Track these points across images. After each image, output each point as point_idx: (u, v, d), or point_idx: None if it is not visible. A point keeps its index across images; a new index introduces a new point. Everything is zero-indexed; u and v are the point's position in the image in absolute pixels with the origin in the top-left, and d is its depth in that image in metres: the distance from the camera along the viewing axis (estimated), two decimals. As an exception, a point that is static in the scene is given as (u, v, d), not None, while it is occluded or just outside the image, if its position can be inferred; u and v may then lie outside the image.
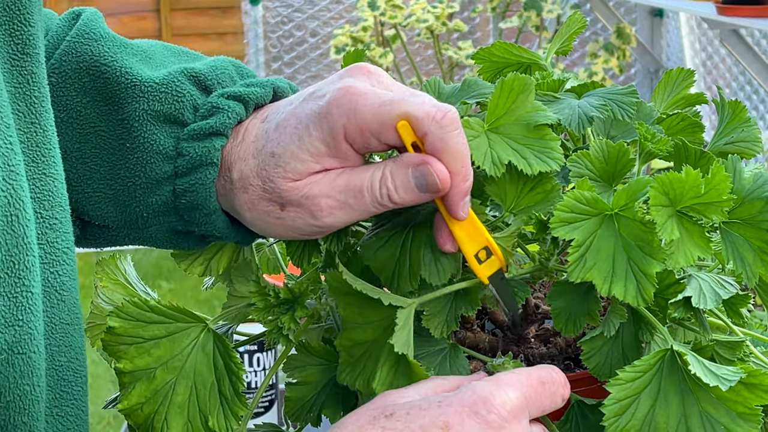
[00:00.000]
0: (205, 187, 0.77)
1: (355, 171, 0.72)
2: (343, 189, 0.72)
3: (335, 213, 0.72)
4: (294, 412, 0.79)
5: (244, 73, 0.83)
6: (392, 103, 0.70)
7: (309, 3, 5.05)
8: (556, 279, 0.75)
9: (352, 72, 0.73)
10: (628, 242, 0.68)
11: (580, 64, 4.43)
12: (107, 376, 3.23)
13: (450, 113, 0.70)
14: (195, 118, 0.79)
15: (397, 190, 0.71)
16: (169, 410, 0.75)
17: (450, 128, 0.70)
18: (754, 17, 2.89)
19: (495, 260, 0.72)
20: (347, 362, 0.73)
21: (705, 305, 0.69)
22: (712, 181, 0.68)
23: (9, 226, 0.65)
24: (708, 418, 0.67)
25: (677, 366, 0.67)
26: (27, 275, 0.66)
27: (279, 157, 0.72)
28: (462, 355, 0.74)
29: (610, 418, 0.67)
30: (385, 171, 0.71)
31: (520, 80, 0.74)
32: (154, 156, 0.78)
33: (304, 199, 0.72)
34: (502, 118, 0.74)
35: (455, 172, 0.70)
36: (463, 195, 0.71)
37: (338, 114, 0.70)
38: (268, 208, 0.74)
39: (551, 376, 0.69)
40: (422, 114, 0.69)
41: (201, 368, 0.76)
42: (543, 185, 0.74)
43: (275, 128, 0.74)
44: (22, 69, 0.70)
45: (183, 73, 0.80)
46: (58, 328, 0.71)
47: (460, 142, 0.70)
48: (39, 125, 0.71)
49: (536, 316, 0.80)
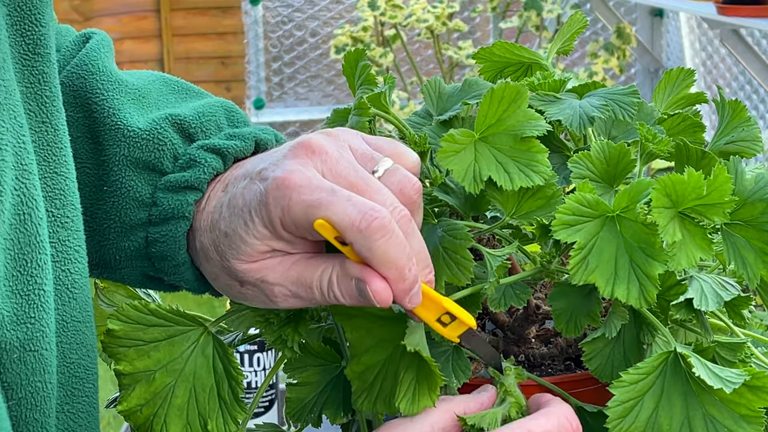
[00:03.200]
0: (175, 239, 0.77)
1: (306, 265, 0.70)
2: (295, 281, 0.71)
3: (289, 300, 0.72)
4: (295, 413, 0.79)
5: (235, 119, 0.82)
6: (319, 205, 0.67)
7: (309, 3, 5.05)
8: (557, 279, 0.75)
9: (297, 151, 0.70)
10: (630, 244, 0.68)
11: (580, 64, 4.43)
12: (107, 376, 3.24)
13: (376, 221, 0.66)
14: (173, 168, 0.79)
15: (344, 296, 0.69)
16: (169, 413, 0.75)
17: (376, 237, 0.66)
18: (754, 17, 2.89)
19: (461, 322, 0.71)
20: (361, 389, 0.72)
21: (707, 307, 0.69)
22: (713, 182, 0.68)
23: (22, 225, 0.65)
24: (711, 421, 0.67)
25: (680, 368, 0.67)
26: (39, 273, 0.66)
27: (231, 239, 0.72)
28: (464, 357, 0.74)
29: (614, 420, 0.67)
30: (332, 276, 0.69)
31: (511, 89, 0.73)
32: (130, 202, 0.79)
33: (260, 282, 0.72)
34: (492, 127, 0.73)
35: (390, 279, 0.68)
36: (406, 294, 0.68)
37: (273, 205, 0.69)
38: (229, 282, 0.74)
39: (559, 425, 0.68)
40: (346, 223, 0.66)
41: (200, 371, 0.76)
42: (544, 191, 0.73)
43: (228, 205, 0.73)
44: (33, 68, 0.70)
45: (167, 119, 0.80)
46: (70, 326, 0.71)
47: (389, 248, 0.67)
48: (50, 124, 0.71)
49: (537, 317, 0.79)
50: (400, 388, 0.70)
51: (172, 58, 5.86)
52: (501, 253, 0.73)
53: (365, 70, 0.82)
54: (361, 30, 3.65)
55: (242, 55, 5.28)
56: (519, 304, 0.74)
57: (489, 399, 0.71)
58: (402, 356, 0.70)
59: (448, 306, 0.70)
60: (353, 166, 0.70)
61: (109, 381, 0.81)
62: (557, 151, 0.80)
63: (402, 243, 0.67)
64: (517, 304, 0.74)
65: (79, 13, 5.62)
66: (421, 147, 0.78)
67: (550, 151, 0.74)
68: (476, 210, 0.76)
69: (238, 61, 5.82)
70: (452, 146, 0.72)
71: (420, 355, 0.68)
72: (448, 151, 0.72)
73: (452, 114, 0.81)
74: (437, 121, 0.81)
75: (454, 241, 0.72)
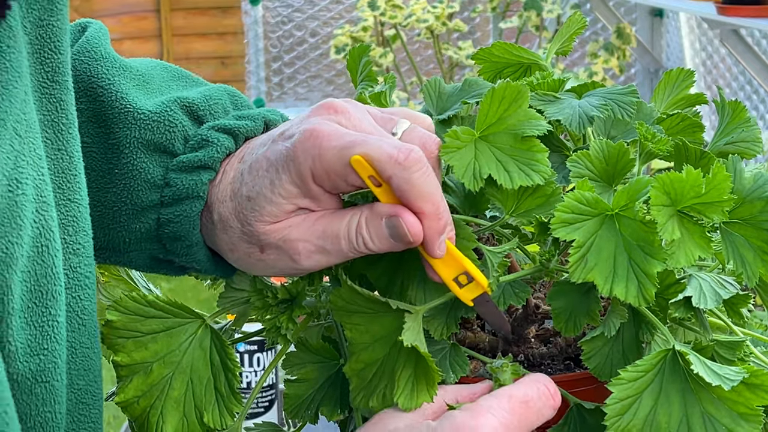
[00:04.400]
0: (190, 219, 0.77)
1: (333, 216, 0.71)
2: (320, 234, 0.71)
3: (313, 257, 0.72)
4: (293, 409, 0.79)
5: (239, 102, 0.83)
6: (354, 145, 0.68)
7: (309, 3, 5.05)
8: (556, 279, 0.75)
9: (320, 111, 0.72)
10: (629, 242, 0.68)
11: (580, 64, 4.43)
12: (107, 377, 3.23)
13: (413, 153, 0.68)
14: (185, 149, 0.79)
15: (372, 240, 0.70)
16: (165, 404, 0.76)
17: (414, 169, 0.68)
18: (754, 17, 2.89)
19: (477, 284, 0.72)
20: (359, 386, 0.73)
21: (705, 305, 0.69)
22: (712, 181, 0.68)
23: (39, 257, 0.65)
24: (709, 419, 0.67)
25: (679, 366, 0.67)
26: (54, 304, 0.66)
27: (254, 201, 0.72)
28: (462, 353, 0.74)
29: (612, 417, 0.67)
30: (360, 220, 0.70)
31: (512, 89, 0.74)
32: (142, 184, 0.78)
33: (282, 242, 0.72)
34: (493, 126, 0.74)
35: (426, 213, 0.69)
36: (438, 235, 0.70)
37: (303, 158, 0.70)
38: (249, 249, 0.74)
39: (537, 390, 0.69)
40: (384, 156, 0.68)
41: (198, 364, 0.76)
42: (544, 189, 0.73)
43: (249, 171, 0.74)
44: (51, 96, 0.70)
45: (176, 102, 0.80)
46: (78, 352, 0.71)
47: (428, 181, 0.69)
48: (65, 152, 0.71)
49: (536, 316, 0.80)
50: (399, 384, 0.70)
51: (172, 58, 5.86)
52: (501, 250, 0.73)
53: (367, 66, 0.83)
54: (361, 30, 3.65)
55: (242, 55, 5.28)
56: (518, 302, 0.75)
57: (482, 390, 0.72)
58: (400, 353, 0.71)
59: (467, 266, 0.71)
60: (374, 125, 0.72)
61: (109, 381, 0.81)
62: (557, 151, 0.81)
63: (436, 179, 0.69)
64: (517, 303, 0.75)
65: (79, 13, 5.62)
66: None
67: (550, 151, 0.74)
68: (476, 209, 0.77)
69: (238, 61, 5.82)
70: (455, 142, 0.72)
71: (417, 350, 0.69)
72: (451, 147, 0.72)
73: (451, 113, 0.82)
74: (436, 121, 0.81)
75: (458, 240, 0.72)
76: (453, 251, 0.71)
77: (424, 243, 0.70)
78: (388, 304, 0.71)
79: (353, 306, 0.72)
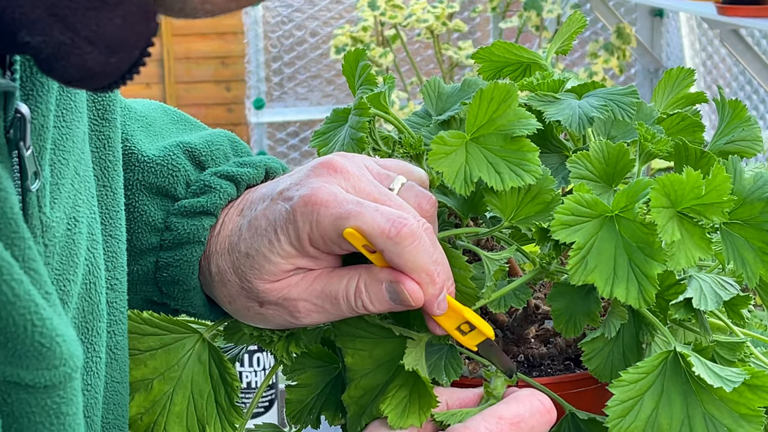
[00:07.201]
0: (189, 264, 0.77)
1: (330, 277, 0.72)
2: (319, 294, 0.72)
3: (313, 315, 0.72)
4: (295, 414, 0.79)
5: (239, 149, 0.83)
6: (348, 216, 0.69)
7: (309, 3, 5.04)
8: (556, 280, 0.75)
9: (319, 171, 0.72)
10: (629, 244, 0.68)
11: (580, 64, 4.43)
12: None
13: (405, 228, 0.68)
14: (186, 194, 0.79)
15: (372, 303, 0.71)
16: (168, 420, 0.76)
17: (405, 243, 0.68)
18: (754, 17, 2.88)
19: (480, 332, 0.72)
20: (357, 414, 0.73)
21: (706, 306, 0.69)
22: (712, 182, 0.68)
23: (87, 294, 0.65)
24: (711, 420, 0.67)
25: (680, 367, 0.67)
26: (98, 341, 0.67)
27: (253, 259, 0.72)
28: (458, 356, 0.74)
29: (614, 419, 0.67)
30: (359, 283, 0.71)
31: (500, 89, 0.73)
32: (142, 226, 0.79)
33: (283, 300, 0.72)
34: (483, 128, 0.73)
35: (422, 282, 0.69)
36: (435, 299, 0.70)
37: (302, 222, 0.70)
38: (248, 303, 0.74)
39: (530, 408, 0.69)
40: (376, 231, 0.68)
41: (197, 378, 0.77)
42: (543, 195, 0.73)
43: (247, 227, 0.74)
44: (101, 133, 0.71)
45: (179, 146, 0.80)
46: (110, 387, 0.72)
47: (420, 253, 0.69)
48: (110, 188, 0.72)
49: (536, 317, 0.79)
50: (391, 398, 0.70)
51: (172, 58, 5.86)
52: (499, 257, 0.73)
53: (365, 70, 0.82)
54: (361, 30, 3.65)
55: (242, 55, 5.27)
56: (519, 304, 0.75)
57: (474, 396, 0.72)
58: (399, 375, 0.71)
59: (468, 316, 0.71)
60: (373, 182, 0.72)
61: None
62: (556, 152, 0.80)
63: (430, 249, 0.69)
64: (517, 305, 0.74)
65: (79, 13, 5.61)
66: (416, 149, 0.78)
67: (549, 152, 0.74)
68: (474, 211, 0.76)
69: (238, 61, 5.82)
70: (442, 148, 0.72)
71: (418, 374, 0.69)
72: (439, 154, 0.72)
73: (450, 114, 0.81)
74: (435, 122, 0.81)
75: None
76: (453, 305, 0.71)
77: (424, 305, 0.71)
78: (392, 331, 0.71)
79: (358, 331, 0.73)
